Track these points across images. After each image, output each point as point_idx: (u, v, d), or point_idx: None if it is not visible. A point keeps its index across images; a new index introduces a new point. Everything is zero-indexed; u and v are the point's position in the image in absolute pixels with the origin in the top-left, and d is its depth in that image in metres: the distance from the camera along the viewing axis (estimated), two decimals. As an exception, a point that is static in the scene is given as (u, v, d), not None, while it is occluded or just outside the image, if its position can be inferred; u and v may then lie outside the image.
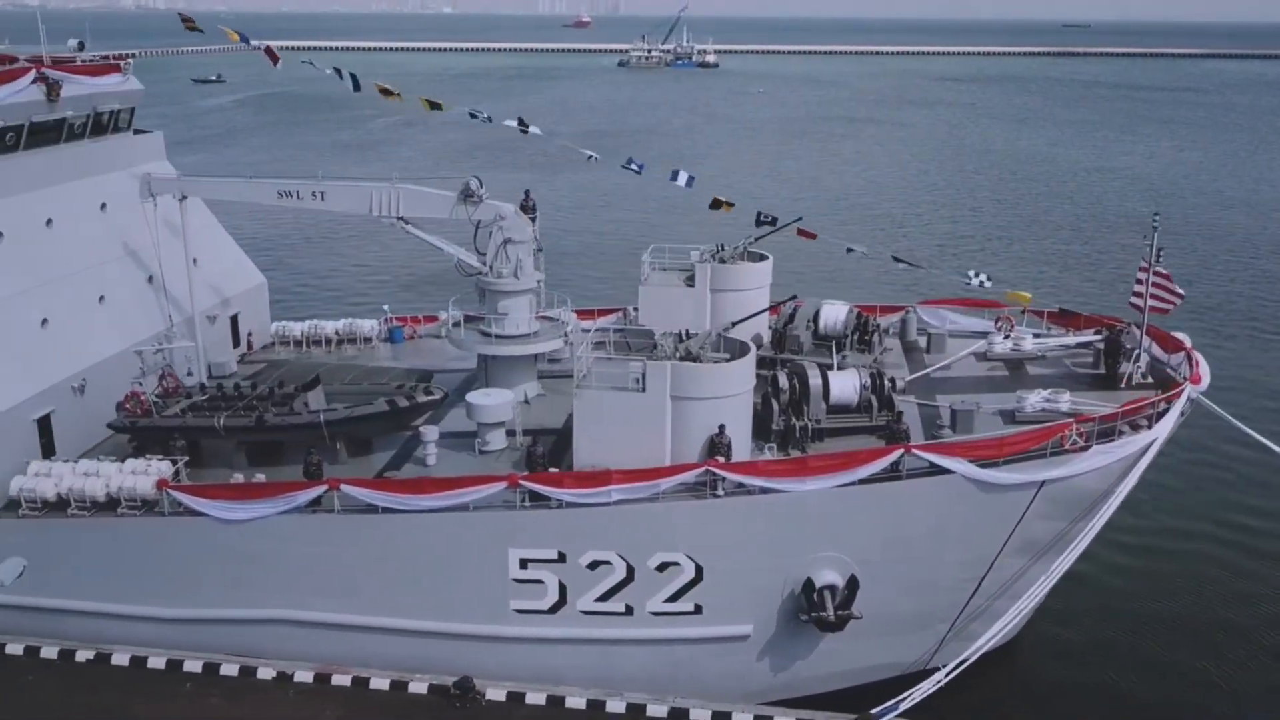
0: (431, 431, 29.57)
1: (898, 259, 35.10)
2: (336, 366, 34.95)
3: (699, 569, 26.48)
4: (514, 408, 30.15)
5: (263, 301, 41.44)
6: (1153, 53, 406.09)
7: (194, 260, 35.68)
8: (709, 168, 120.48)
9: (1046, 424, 27.01)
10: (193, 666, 27.06)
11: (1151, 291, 31.26)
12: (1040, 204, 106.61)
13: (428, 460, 29.43)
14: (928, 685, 25.67)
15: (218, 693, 26.18)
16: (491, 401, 29.63)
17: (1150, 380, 31.21)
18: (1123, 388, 30.91)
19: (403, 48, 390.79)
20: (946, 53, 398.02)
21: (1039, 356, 33.92)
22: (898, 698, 25.38)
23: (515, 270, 32.40)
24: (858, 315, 34.85)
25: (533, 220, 33.23)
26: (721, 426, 26.32)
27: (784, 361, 32.05)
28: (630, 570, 26.54)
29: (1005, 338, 34.24)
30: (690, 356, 26.87)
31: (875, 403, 28.89)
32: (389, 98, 35.22)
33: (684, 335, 27.82)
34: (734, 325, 30.76)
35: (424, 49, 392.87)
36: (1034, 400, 29.03)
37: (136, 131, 37.94)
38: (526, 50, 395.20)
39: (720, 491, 25.92)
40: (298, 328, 40.71)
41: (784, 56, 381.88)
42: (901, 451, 25.89)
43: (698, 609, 26.97)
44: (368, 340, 40.28)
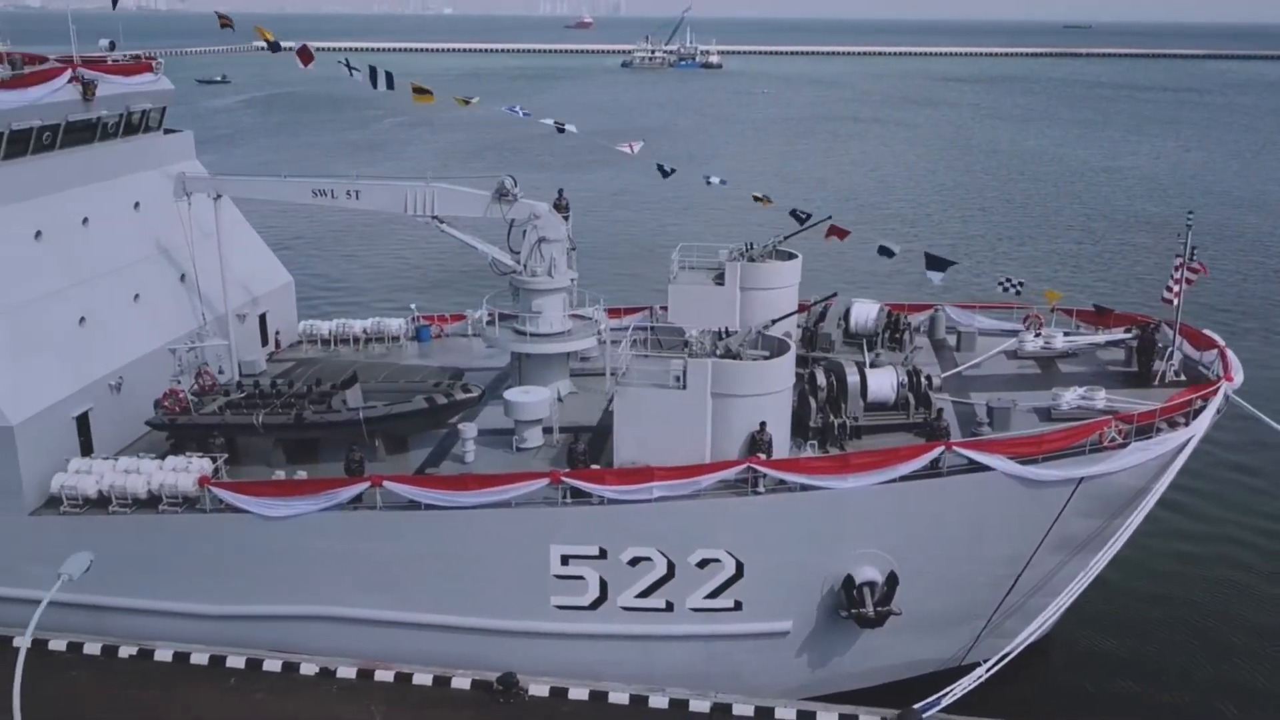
0: (470, 429, 29.71)
1: (930, 256, 35.23)
2: (368, 365, 35.04)
3: (739, 565, 26.63)
4: (551, 405, 30.30)
5: (290, 300, 41.57)
6: (1155, 53, 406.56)
7: (221, 259, 35.81)
8: (718, 168, 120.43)
9: (1084, 421, 27.16)
10: (235, 662, 27.22)
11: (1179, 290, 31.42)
12: (1049, 204, 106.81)
13: (466, 457, 29.57)
14: (969, 680, 25.86)
15: (262, 688, 26.34)
16: (530, 399, 29.76)
17: (1183, 378, 31.35)
18: (1156, 385, 31.06)
19: (405, 48, 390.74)
20: (949, 53, 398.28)
21: (1070, 354, 34.05)
22: (940, 693, 25.54)
23: (549, 269, 32.55)
24: (888, 314, 34.98)
25: (566, 219, 33.38)
26: (763, 424, 26.47)
27: (815, 360, 32.20)
28: (671, 566, 26.69)
29: (1036, 335, 34.36)
30: (730, 354, 27.02)
31: (912, 400, 29.04)
32: (422, 97, 35.30)
33: (724, 333, 27.95)
34: (774, 323, 30.89)
35: (426, 50, 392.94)
36: (1069, 397, 29.16)
37: (166, 131, 38.11)
38: (530, 51, 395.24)
39: (761, 488, 26.08)
40: (325, 326, 40.90)
41: (787, 57, 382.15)
42: (942, 448, 26.05)
43: (738, 605, 27.12)
44: (395, 339, 40.46)
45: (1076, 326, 35.59)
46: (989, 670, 26.10)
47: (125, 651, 27.64)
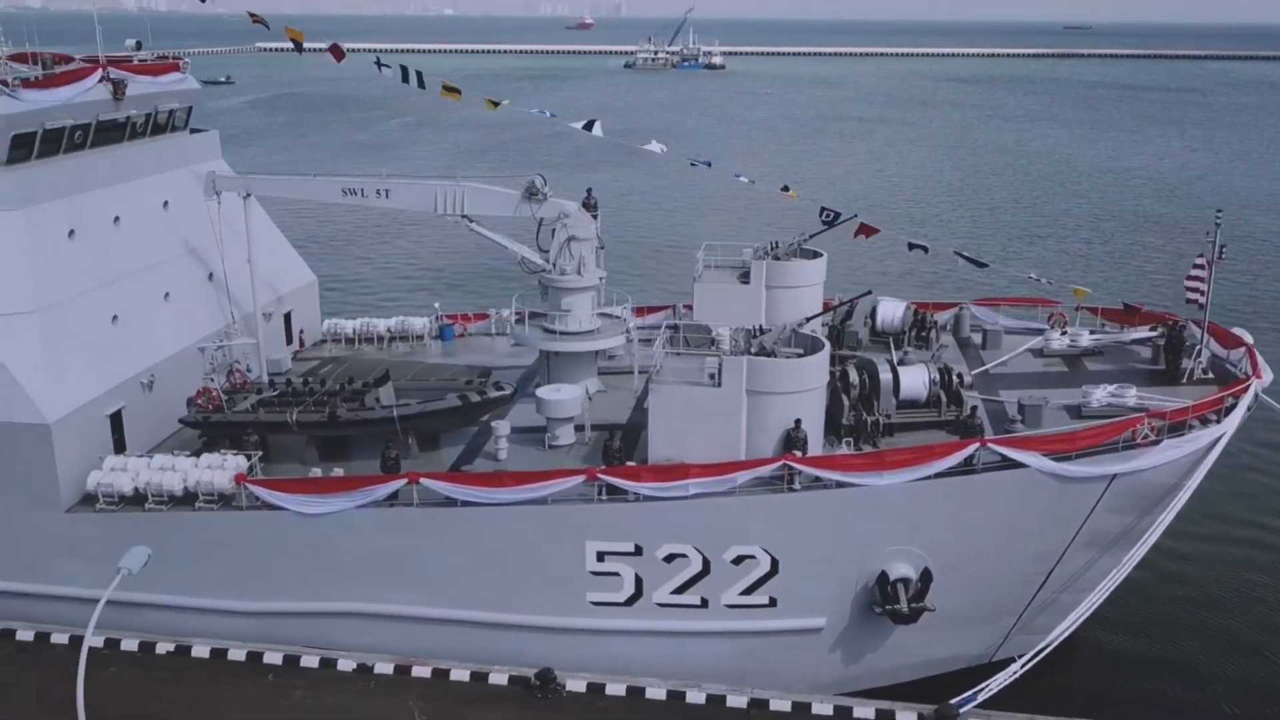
0: (503, 426, 29.85)
1: (961, 255, 35.45)
2: (397, 363, 35.15)
3: (774, 562, 26.77)
4: (583, 403, 30.43)
5: (314, 299, 41.74)
6: (1156, 54, 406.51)
7: (248, 259, 35.93)
8: (726, 168, 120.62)
9: (1117, 418, 27.29)
10: (273, 658, 27.33)
11: (1203, 288, 31.58)
12: (1057, 203, 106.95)
13: (499, 455, 29.71)
14: (1005, 676, 25.97)
15: (300, 684, 26.46)
16: (562, 396, 29.90)
17: (1211, 376, 31.49)
18: (1184, 383, 31.19)
19: (406, 49, 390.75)
20: (950, 54, 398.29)
21: (1096, 352, 34.19)
22: (976, 688, 25.65)
23: (578, 267, 32.70)
24: (914, 312, 35.13)
25: (594, 218, 33.52)
26: (798, 421, 26.60)
27: (843, 358, 32.32)
28: (706, 563, 26.82)
29: (1062, 334, 34.49)
30: (764, 352, 27.16)
31: (944, 398, 29.16)
32: (451, 94, 35.49)
33: (757, 331, 28.09)
34: (808, 320, 31.03)
35: (428, 50, 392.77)
36: (1100, 395, 29.29)
37: (193, 130, 38.25)
38: (532, 52, 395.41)
39: (797, 485, 26.21)
40: (349, 325, 41.05)
41: (789, 58, 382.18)
42: (977, 445, 26.18)
43: (772, 602, 27.26)
44: (419, 338, 40.60)
45: (1102, 325, 35.72)
46: (1024, 666, 26.23)
47: (163, 648, 27.76)
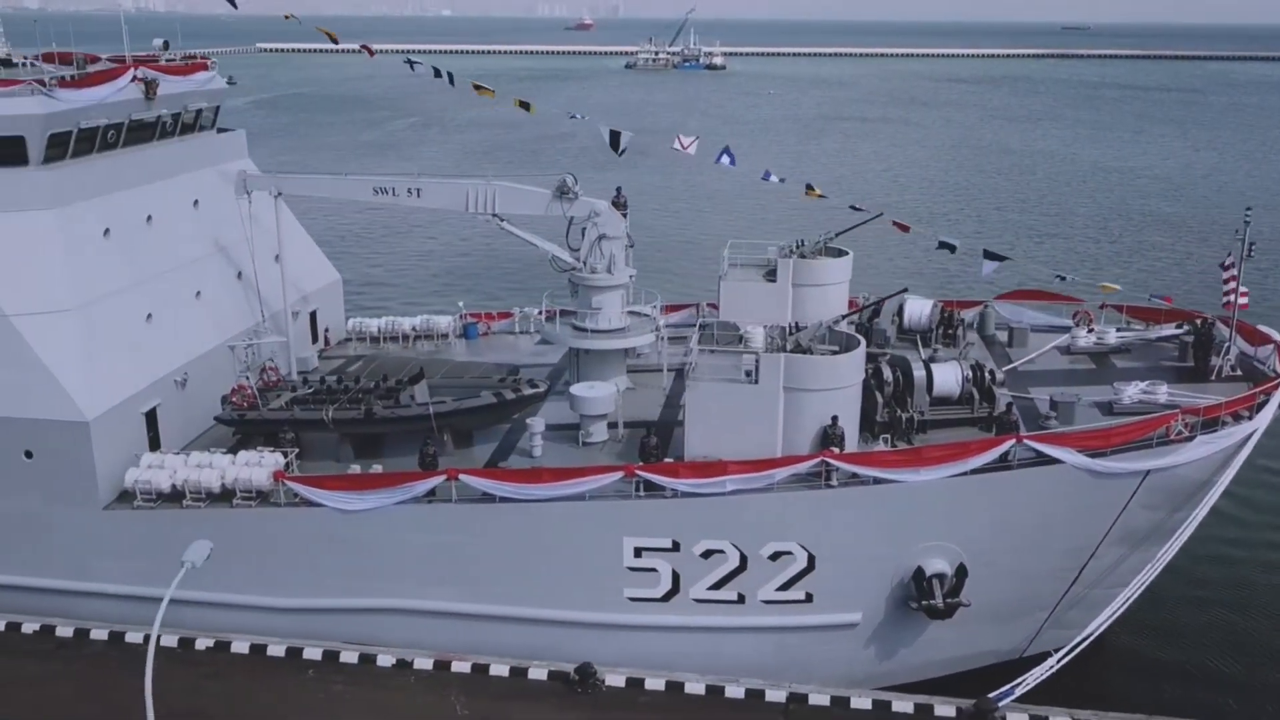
0: (538, 423, 30.01)
1: (989, 253, 35.67)
2: (426, 361, 35.27)
3: (811, 558, 26.95)
4: (616, 400, 30.61)
5: (338, 298, 41.88)
6: (1155, 54, 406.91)
7: (275, 257, 36.11)
8: (731, 169, 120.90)
9: (1150, 415, 27.47)
10: (312, 654, 27.48)
11: (1233, 287, 31.78)
12: (1064, 203, 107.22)
13: (534, 451, 29.87)
14: (1041, 670, 26.15)
15: (340, 679, 26.61)
16: (596, 394, 30.06)
17: (1239, 373, 31.68)
18: (1213, 380, 31.39)
19: (406, 50, 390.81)
20: (950, 55, 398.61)
21: (1123, 350, 34.39)
22: (1013, 682, 25.83)
23: (609, 265, 32.87)
24: (941, 310, 35.30)
25: (624, 216, 33.69)
26: (835, 418, 26.77)
27: (874, 355, 32.46)
28: (743, 559, 27.01)
29: (1089, 331, 34.67)
30: (800, 348, 27.34)
31: (976, 395, 29.34)
32: (483, 92, 35.68)
33: (793, 328, 28.26)
34: (844, 318, 31.22)
35: (429, 51, 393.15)
36: (1131, 392, 29.48)
37: (219, 130, 38.39)
38: (533, 52, 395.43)
39: (834, 482, 26.39)
40: (374, 324, 41.20)
41: (790, 59, 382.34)
42: (1013, 442, 26.37)
43: (809, 597, 27.45)
44: (444, 336, 40.75)
45: (1127, 323, 35.90)
46: (1061, 660, 26.40)
47: (202, 644, 27.89)
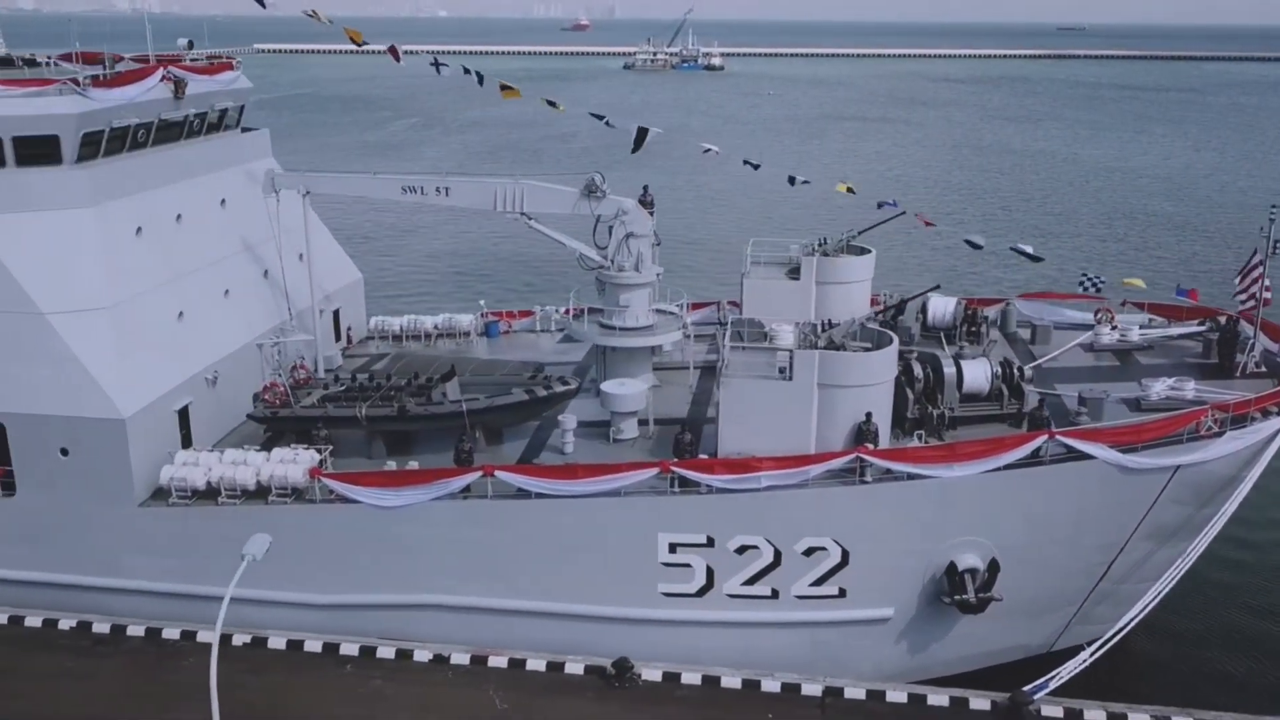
0: (570, 420, 30.19)
1: (1015, 250, 35.94)
2: (453, 359, 35.43)
3: (845, 553, 27.15)
4: (647, 397, 30.79)
5: (359, 297, 42.06)
6: (1153, 55, 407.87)
7: (299, 256, 36.27)
8: (737, 168, 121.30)
9: (1179, 411, 27.70)
10: (349, 649, 27.65)
11: (1255, 284, 32.02)
12: (1067, 202, 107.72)
13: (565, 448, 30.05)
14: (1074, 664, 26.36)
15: (379, 674, 26.81)
16: (627, 391, 30.26)
17: (1264, 369, 31.93)
18: (1238, 377, 31.64)
19: (404, 51, 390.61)
20: (947, 55, 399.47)
21: (1146, 347, 34.64)
22: (1047, 675, 26.05)
23: (636, 263, 33.05)
24: (965, 307, 35.53)
25: (650, 214, 33.86)
26: (869, 414, 26.99)
27: (904, 352, 32.63)
28: (778, 555, 27.20)
29: (1112, 328, 34.91)
30: (834, 345, 27.55)
31: (1005, 391, 29.56)
32: (509, 93, 35.88)
33: (825, 325, 28.47)
34: (877, 315, 31.44)
35: (427, 52, 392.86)
36: (1159, 388, 29.71)
37: (244, 129, 38.54)
38: (532, 53, 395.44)
39: (868, 478, 26.60)
40: (396, 323, 41.37)
41: (788, 59, 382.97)
42: (1046, 437, 26.59)
43: (842, 592, 27.64)
44: (465, 335, 40.92)
45: (1149, 320, 36.14)
46: (1093, 654, 26.61)
47: (239, 640, 28.03)
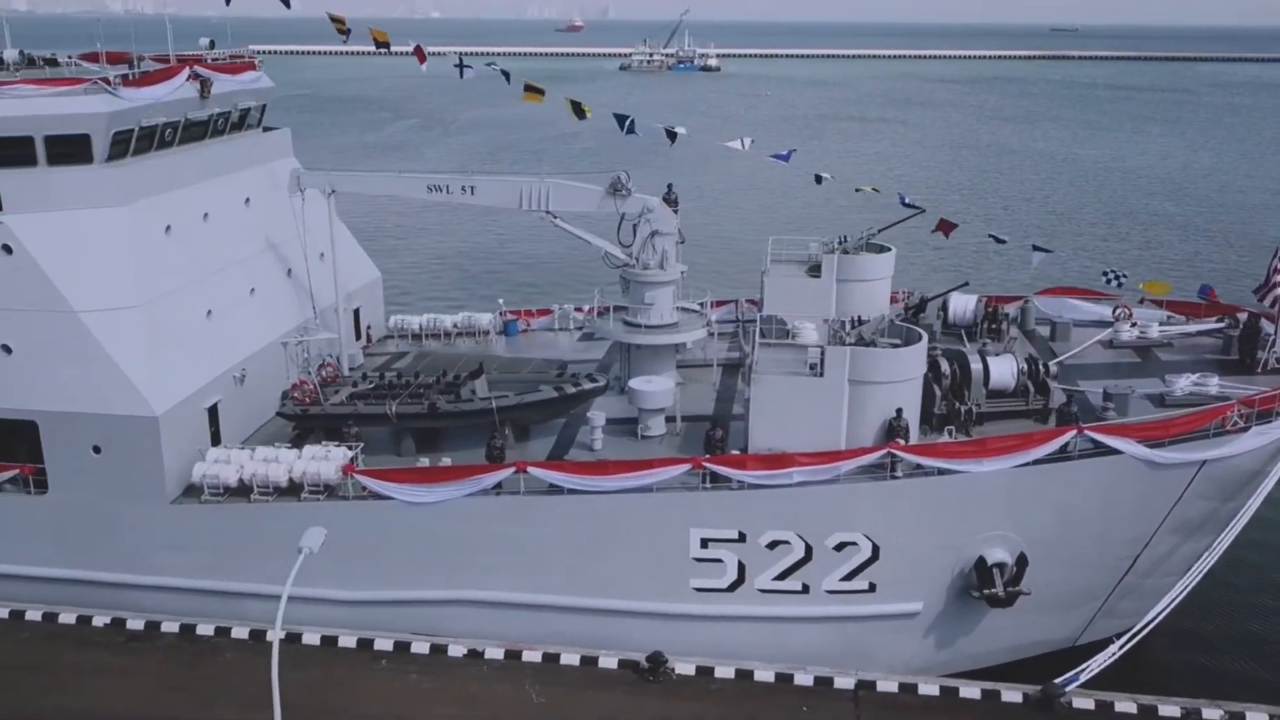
0: (599, 417, 30.40)
1: (1038, 248, 36.24)
2: (478, 358, 35.61)
3: (876, 548, 27.38)
4: (675, 394, 31.00)
5: (378, 296, 42.23)
6: (1147, 56, 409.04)
7: (320, 255, 36.43)
8: (738, 167, 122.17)
9: (1204, 406, 27.98)
10: (383, 645, 27.80)
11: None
12: (1068, 201, 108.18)
13: (594, 445, 30.26)
14: (1104, 657, 26.63)
15: (414, 669, 26.99)
16: (655, 388, 30.47)
17: (1285, 365, 32.23)
18: (1259, 373, 31.92)
19: (402, 51, 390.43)
20: (942, 56, 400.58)
21: (1165, 343, 34.93)
22: (1078, 668, 26.32)
23: (661, 261, 33.25)
24: (986, 305, 35.79)
25: (675, 212, 34.04)
26: (899, 410, 27.23)
27: (930, 348, 32.86)
28: (809, 550, 27.43)
29: (1132, 325, 35.19)
30: (864, 342, 27.79)
31: (1031, 388, 29.82)
32: (532, 96, 36.08)
33: (856, 321, 28.71)
34: (907, 313, 31.68)
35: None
36: (1183, 384, 30.00)
37: (265, 129, 38.68)
38: (527, 54, 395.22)
39: (899, 473, 26.83)
40: (415, 321, 41.55)
41: (783, 60, 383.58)
42: (1074, 432, 26.85)
43: (872, 587, 27.87)
44: (485, 333, 41.09)
45: (1168, 317, 36.43)
46: (1122, 647, 26.88)
47: (273, 635, 28.07)
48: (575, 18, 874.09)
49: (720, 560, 27.72)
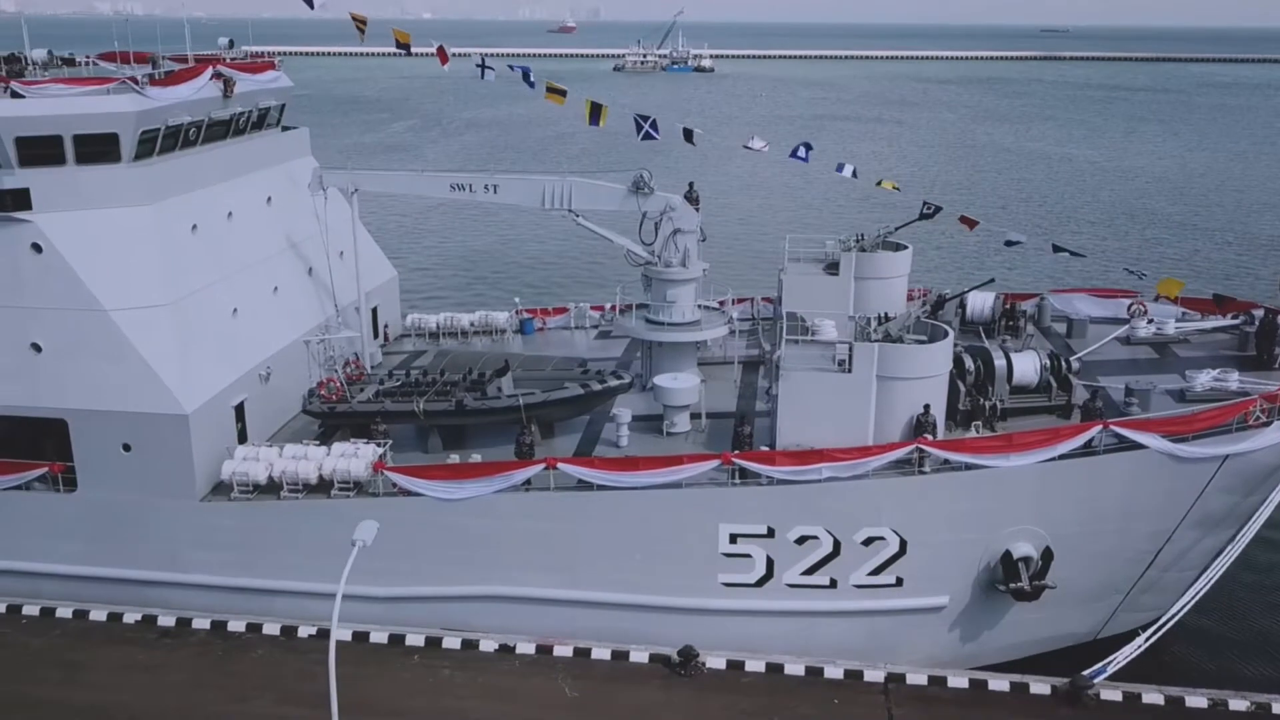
0: (625, 414, 30.60)
1: (1058, 248, 36.54)
2: (498, 356, 35.76)
3: (903, 543, 27.63)
4: (700, 391, 31.21)
5: (394, 294, 42.40)
6: (1138, 57, 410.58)
7: (340, 253, 36.58)
8: (738, 166, 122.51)
9: (1228, 401, 28.27)
10: (414, 640, 27.96)
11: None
12: (1067, 201, 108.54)
13: (620, 441, 30.46)
14: (1130, 649, 26.92)
15: (447, 664, 27.18)
16: (680, 385, 30.68)
17: (1303, 361, 32.58)
18: (1276, 369, 32.27)
19: (398, 53, 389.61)
20: (935, 57, 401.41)
21: (1182, 340, 35.27)
22: (1106, 660, 26.61)
23: (683, 259, 33.45)
24: (1004, 302, 36.07)
25: (696, 210, 34.27)
26: (927, 405, 27.48)
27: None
28: (837, 545, 27.66)
29: (1149, 322, 35.52)
30: (891, 338, 28.04)
31: (1053, 384, 30.10)
32: (553, 97, 36.29)
33: (883, 318, 28.97)
34: (945, 304, 32.01)
35: (424, 53, 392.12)
36: (1204, 379, 30.28)
37: (284, 128, 38.81)
38: (520, 55, 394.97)
39: (926, 468, 27.08)
40: (433, 320, 41.73)
41: (777, 61, 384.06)
42: (1100, 427, 27.13)
43: (899, 581, 28.12)
44: (502, 332, 41.28)
45: (1182, 314, 36.75)
46: (1149, 639, 27.16)
47: (304, 632, 28.33)
48: (567, 19, 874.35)
49: (749, 555, 27.93)
